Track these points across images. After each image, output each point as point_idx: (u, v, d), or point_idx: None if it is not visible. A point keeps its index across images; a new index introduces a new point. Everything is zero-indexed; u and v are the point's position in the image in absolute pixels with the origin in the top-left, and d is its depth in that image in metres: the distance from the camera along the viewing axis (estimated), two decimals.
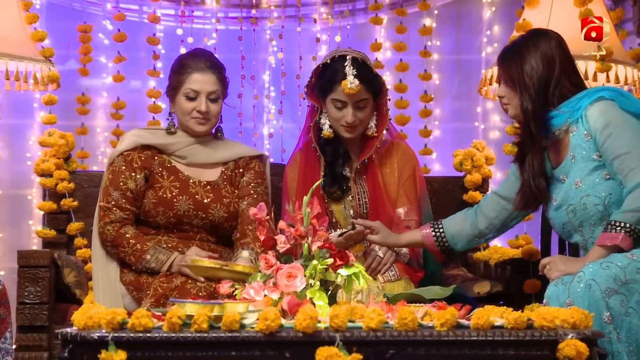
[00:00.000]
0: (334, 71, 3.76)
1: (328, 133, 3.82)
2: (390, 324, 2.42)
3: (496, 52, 5.17)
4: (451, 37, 5.56)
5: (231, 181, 3.83)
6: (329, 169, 3.88)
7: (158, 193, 3.70)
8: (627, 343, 2.83)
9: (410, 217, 3.84)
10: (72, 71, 5.17)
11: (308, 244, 2.81)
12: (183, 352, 2.37)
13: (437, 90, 5.41)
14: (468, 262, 4.43)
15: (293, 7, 5.34)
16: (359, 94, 3.72)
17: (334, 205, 3.88)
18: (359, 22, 5.41)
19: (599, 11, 4.16)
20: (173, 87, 3.77)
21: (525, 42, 3.34)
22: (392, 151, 3.95)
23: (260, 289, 2.75)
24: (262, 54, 5.43)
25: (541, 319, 2.41)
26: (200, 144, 3.83)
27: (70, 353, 2.40)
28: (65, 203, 4.33)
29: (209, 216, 3.72)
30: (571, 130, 3.23)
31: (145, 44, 5.15)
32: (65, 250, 4.28)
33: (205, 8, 5.29)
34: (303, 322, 2.34)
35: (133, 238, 3.63)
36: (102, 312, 2.41)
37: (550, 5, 4.27)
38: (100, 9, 5.25)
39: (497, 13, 5.36)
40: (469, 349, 2.39)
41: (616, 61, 4.15)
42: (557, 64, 3.27)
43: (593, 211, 3.15)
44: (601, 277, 2.84)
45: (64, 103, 4.94)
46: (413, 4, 5.25)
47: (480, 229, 3.60)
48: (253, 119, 5.35)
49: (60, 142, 4.39)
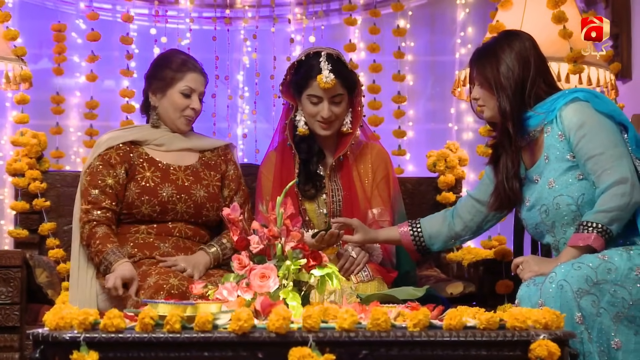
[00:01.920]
0: (309, 67, 3.77)
1: (303, 130, 3.83)
2: (363, 325, 2.42)
3: (470, 53, 5.16)
4: (425, 38, 5.57)
5: (209, 166, 3.86)
6: (304, 167, 3.88)
7: (141, 183, 3.71)
8: (599, 343, 2.85)
9: (384, 218, 3.85)
10: (45, 70, 5.15)
11: (281, 245, 2.81)
12: (155, 352, 2.36)
13: (411, 91, 5.42)
14: (441, 262, 4.44)
15: (267, 7, 5.34)
16: (334, 88, 3.74)
17: (307, 204, 3.89)
18: (333, 22, 5.42)
19: (571, 13, 4.19)
20: (167, 81, 3.79)
21: (500, 43, 3.34)
22: (367, 152, 3.96)
23: (234, 290, 2.75)
24: (236, 54, 5.42)
25: (513, 319, 2.43)
26: (176, 134, 3.86)
27: (41, 354, 2.39)
28: (37, 203, 4.31)
29: (191, 197, 3.74)
30: (545, 131, 3.24)
31: (118, 44, 5.13)
32: (37, 250, 4.26)
33: (179, 8, 5.28)
34: (276, 323, 2.34)
35: (99, 239, 3.60)
36: (74, 313, 2.40)
37: (524, 7, 4.28)
38: (73, 8, 5.23)
39: (470, 14, 5.38)
40: (442, 350, 2.40)
41: (588, 63, 4.17)
42: (532, 65, 3.28)
43: (566, 211, 3.17)
44: (573, 277, 2.86)
45: (37, 102, 4.91)
46: (387, 5, 5.25)
47: (456, 230, 3.60)
48: (227, 119, 5.35)
49: (32, 142, 4.37)
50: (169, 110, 3.80)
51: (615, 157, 3.08)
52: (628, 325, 2.89)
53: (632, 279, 2.90)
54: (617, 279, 2.89)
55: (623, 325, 2.88)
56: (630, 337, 2.88)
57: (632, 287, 2.90)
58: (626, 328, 2.88)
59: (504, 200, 3.37)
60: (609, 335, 2.86)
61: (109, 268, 3.51)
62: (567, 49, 4.12)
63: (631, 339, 2.88)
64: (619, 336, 2.87)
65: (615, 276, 2.89)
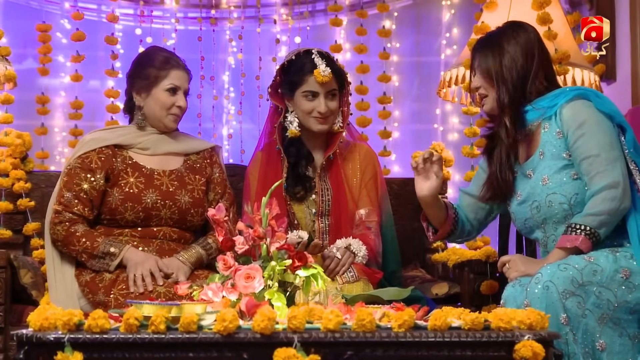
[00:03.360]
0: (301, 64, 3.79)
1: (295, 132, 3.83)
2: (348, 325, 2.42)
3: (455, 54, 5.20)
4: (411, 39, 5.59)
5: (194, 170, 3.84)
6: (292, 170, 3.88)
7: (124, 189, 3.68)
8: (583, 344, 2.86)
9: (372, 219, 3.85)
10: (30, 70, 5.14)
11: (266, 245, 2.80)
12: (140, 353, 2.36)
13: (397, 92, 5.44)
14: (426, 263, 4.45)
15: (253, 7, 5.35)
16: (330, 83, 3.77)
17: (296, 206, 3.88)
18: (318, 23, 5.43)
19: (556, 15, 4.20)
20: (151, 80, 3.75)
21: (505, 33, 3.32)
22: (355, 152, 3.97)
23: (219, 290, 2.74)
24: (222, 55, 5.43)
25: (498, 320, 2.43)
26: (163, 136, 3.83)
27: (25, 354, 2.37)
28: (21, 203, 4.29)
29: (176, 203, 3.72)
30: (543, 127, 3.23)
31: (103, 44, 5.13)
32: (21, 251, 4.25)
33: (164, 8, 5.28)
34: (261, 323, 2.34)
35: (83, 236, 3.60)
36: (59, 313, 2.39)
37: (509, 8, 4.29)
38: (58, 8, 5.22)
39: (456, 16, 5.40)
40: (427, 350, 2.40)
41: (573, 64, 4.18)
42: (536, 58, 3.26)
43: (558, 209, 3.17)
44: (559, 278, 2.87)
45: (21, 102, 4.90)
46: (372, 6, 5.26)
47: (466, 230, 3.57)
48: (212, 119, 5.35)
49: (16, 142, 4.35)
50: (155, 109, 3.77)
51: (610, 160, 3.08)
52: (613, 327, 2.89)
53: (618, 281, 2.91)
54: (602, 281, 2.90)
55: (608, 326, 2.89)
56: (615, 338, 2.89)
57: (617, 289, 2.90)
58: (611, 330, 2.89)
59: (497, 190, 3.34)
60: (593, 337, 2.87)
61: (113, 260, 3.54)
62: (552, 50, 4.13)
63: (616, 341, 2.89)
64: (603, 338, 2.88)
65: (601, 278, 2.90)
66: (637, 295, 2.91)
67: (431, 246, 4.40)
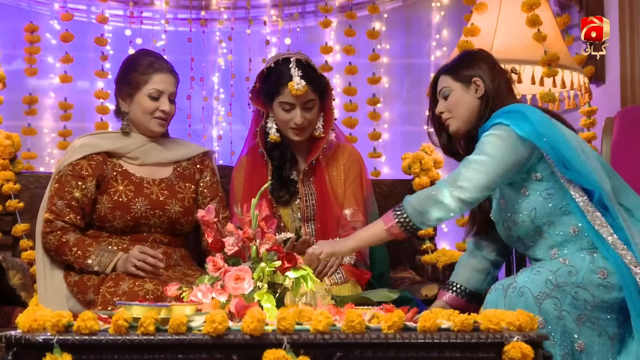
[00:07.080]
0: (279, 74, 3.76)
1: (275, 137, 3.82)
2: (337, 327, 2.42)
3: (445, 55, 5.21)
4: (401, 40, 5.59)
5: (184, 177, 3.82)
6: (277, 173, 3.88)
7: (113, 197, 3.66)
8: (562, 346, 2.86)
9: (357, 219, 3.85)
10: (19, 71, 5.12)
11: (256, 247, 2.80)
12: (129, 355, 2.35)
13: (387, 94, 5.44)
14: (416, 265, 4.45)
15: (243, 9, 5.34)
16: (306, 94, 3.73)
17: (281, 210, 3.88)
18: (308, 24, 5.42)
19: (545, 17, 4.22)
20: (133, 86, 3.72)
21: (466, 56, 3.37)
22: (339, 153, 3.97)
23: (208, 292, 2.74)
24: (212, 56, 5.42)
25: (487, 321, 2.43)
26: (152, 144, 3.81)
27: (14, 356, 2.37)
28: (10, 204, 4.27)
29: (166, 213, 3.70)
30: None
31: (93, 45, 5.11)
32: (10, 252, 4.23)
33: (154, 9, 5.27)
34: (250, 325, 2.34)
35: (75, 245, 3.58)
36: (48, 315, 2.38)
37: (498, 10, 4.30)
38: (47, 9, 5.21)
39: (446, 17, 5.41)
40: (416, 352, 2.40)
41: (562, 66, 4.19)
42: (500, 78, 3.28)
43: (523, 227, 3.15)
44: (533, 282, 2.88)
45: (10, 103, 4.89)
46: (362, 7, 5.27)
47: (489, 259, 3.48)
48: (202, 120, 5.34)
49: (5, 143, 4.33)
50: (138, 114, 3.74)
51: (477, 164, 3.07)
52: (591, 326, 2.90)
53: (595, 282, 2.92)
54: (578, 281, 2.90)
55: (586, 326, 2.89)
56: (594, 338, 2.90)
57: (594, 289, 2.91)
58: (589, 329, 2.89)
59: (477, 222, 3.41)
60: (572, 338, 2.87)
61: (103, 266, 3.54)
62: (542, 52, 4.15)
63: (595, 340, 2.89)
64: (582, 338, 2.88)
65: (577, 278, 2.91)
66: (615, 295, 2.92)
67: (421, 248, 4.40)
